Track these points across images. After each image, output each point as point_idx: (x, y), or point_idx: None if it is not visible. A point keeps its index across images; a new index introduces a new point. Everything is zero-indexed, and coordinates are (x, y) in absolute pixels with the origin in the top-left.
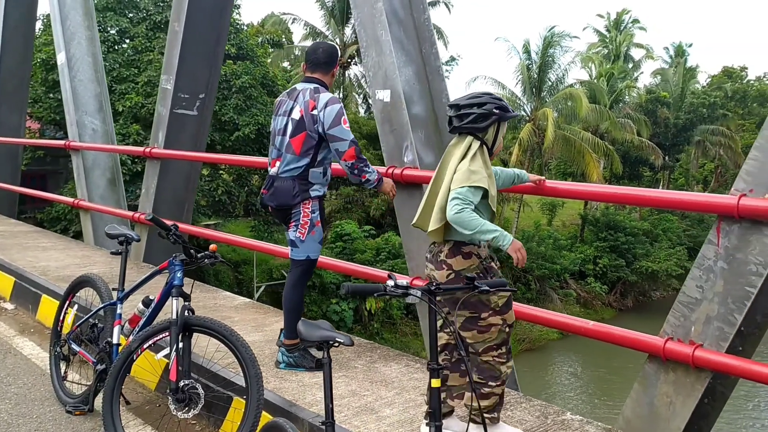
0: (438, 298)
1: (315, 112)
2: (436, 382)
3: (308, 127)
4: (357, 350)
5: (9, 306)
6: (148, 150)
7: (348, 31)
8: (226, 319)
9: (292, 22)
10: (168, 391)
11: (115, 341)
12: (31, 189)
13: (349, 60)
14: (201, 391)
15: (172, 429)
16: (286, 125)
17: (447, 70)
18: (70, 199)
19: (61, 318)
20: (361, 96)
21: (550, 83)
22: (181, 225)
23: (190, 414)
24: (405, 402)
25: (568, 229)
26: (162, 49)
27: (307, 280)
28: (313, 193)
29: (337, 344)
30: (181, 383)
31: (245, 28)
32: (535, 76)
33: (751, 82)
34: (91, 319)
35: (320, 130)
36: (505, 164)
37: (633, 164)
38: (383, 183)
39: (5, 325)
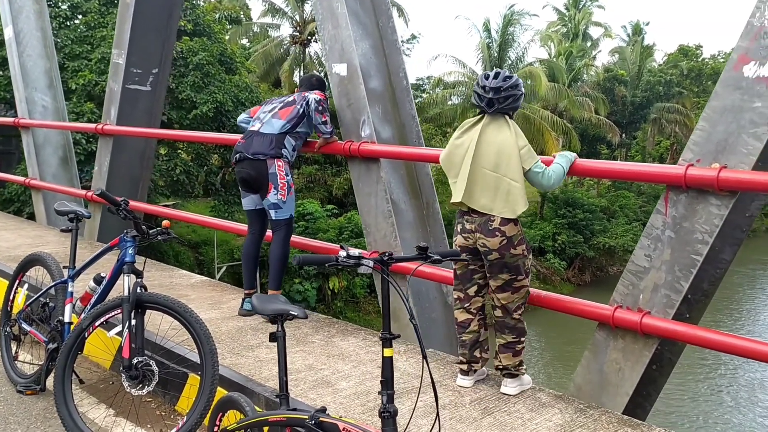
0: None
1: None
2: (388, 352)
3: (298, 102)
4: (315, 325)
5: None
6: (100, 127)
7: (308, 8)
8: (182, 297)
9: None
10: (121, 368)
11: (66, 320)
12: None
13: (309, 37)
14: (155, 368)
15: (126, 407)
16: (276, 105)
17: (408, 48)
18: (20, 178)
19: (11, 298)
20: (322, 73)
21: (510, 62)
22: (136, 203)
23: (144, 391)
24: (361, 374)
25: (528, 206)
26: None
27: (291, 235)
28: (284, 153)
29: (291, 317)
30: (135, 360)
31: (202, 3)
32: (496, 54)
33: (706, 60)
34: (42, 298)
35: (305, 107)
36: None
37: (591, 142)
38: (331, 139)
39: None
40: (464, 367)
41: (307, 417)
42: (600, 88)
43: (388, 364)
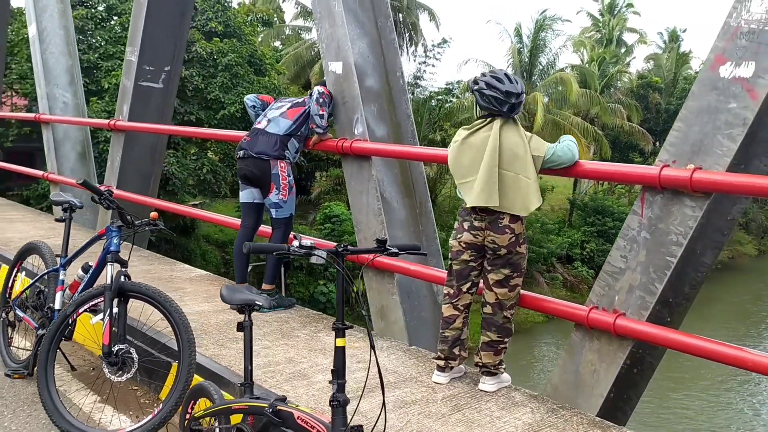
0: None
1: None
2: (340, 342)
3: (307, 104)
4: (304, 321)
5: None
6: (112, 122)
7: None
8: (179, 290)
9: (284, 1)
10: (101, 354)
11: (56, 307)
12: (18, 166)
13: None
14: (135, 355)
15: (112, 394)
16: (285, 105)
17: (438, 53)
18: (39, 172)
19: (10, 284)
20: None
21: (540, 67)
22: (147, 198)
23: (123, 378)
24: None
25: (557, 213)
26: None
27: (289, 233)
28: (286, 154)
29: (257, 308)
30: (115, 348)
31: (236, 6)
32: (526, 59)
33: None
34: (38, 285)
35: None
36: None
37: (623, 150)
38: (326, 135)
39: None
40: (441, 363)
41: (266, 405)
42: (633, 95)
43: (340, 354)
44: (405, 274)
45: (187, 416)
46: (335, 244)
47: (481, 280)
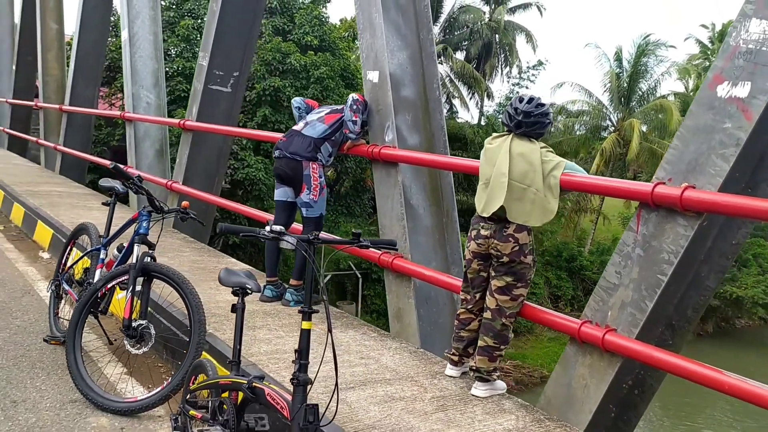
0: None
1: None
2: (306, 324)
3: (343, 110)
4: (322, 316)
5: (45, 255)
6: (182, 122)
7: (436, 29)
8: (215, 280)
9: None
10: (122, 327)
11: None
12: (102, 160)
13: None
14: (152, 331)
15: (138, 368)
16: (325, 110)
17: (533, 75)
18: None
19: (63, 261)
20: (444, 95)
21: (640, 93)
22: (208, 196)
23: (141, 351)
24: (341, 362)
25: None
26: (259, 35)
27: (319, 232)
28: (319, 157)
29: (249, 291)
30: (135, 323)
31: (337, 22)
32: (625, 85)
33: None
34: (88, 260)
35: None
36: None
37: None
38: (358, 141)
39: (35, 270)
40: (455, 358)
41: (245, 382)
42: None
43: (305, 336)
44: (422, 279)
45: (189, 388)
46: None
47: None
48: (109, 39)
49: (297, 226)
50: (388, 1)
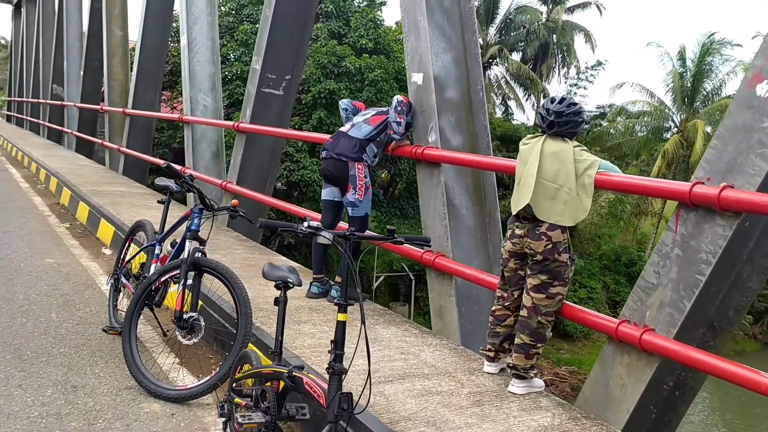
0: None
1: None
2: (342, 317)
3: (386, 112)
4: (368, 313)
5: (107, 251)
6: (236, 124)
7: (492, 30)
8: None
9: None
10: (173, 318)
11: None
12: (159, 160)
13: (490, 60)
14: (202, 322)
15: (190, 358)
16: (371, 112)
17: (592, 75)
18: (177, 167)
19: (122, 256)
20: (500, 97)
21: (704, 93)
22: (261, 196)
23: (191, 342)
24: (382, 356)
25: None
26: (312, 39)
27: (365, 231)
28: (364, 158)
29: (291, 285)
30: (186, 315)
31: (393, 25)
32: (689, 85)
33: None
34: (144, 255)
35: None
36: (647, 176)
37: None
38: (402, 142)
39: (97, 265)
40: (491, 354)
41: (285, 371)
42: None
43: (340, 328)
44: (464, 278)
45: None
46: (435, 255)
47: None
48: (172, 44)
49: (344, 224)
50: (433, 4)
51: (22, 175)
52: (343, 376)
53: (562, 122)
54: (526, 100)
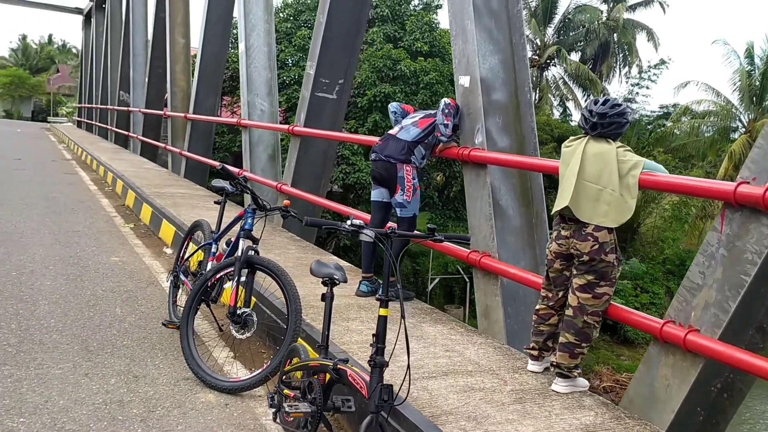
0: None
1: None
2: (383, 312)
3: (434, 114)
4: (415, 311)
5: (168, 250)
6: (291, 128)
7: (550, 31)
8: None
9: None
10: (227, 313)
11: None
12: (215, 162)
13: (548, 61)
14: (254, 318)
15: (243, 352)
16: (419, 115)
17: (654, 74)
18: (236, 169)
19: (181, 255)
20: (558, 98)
21: None
22: (314, 197)
23: (244, 336)
24: (426, 354)
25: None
26: (360, 46)
27: (413, 232)
28: (412, 159)
29: (337, 282)
30: (240, 310)
31: (447, 28)
32: (757, 83)
33: None
34: (202, 253)
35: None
36: (713, 178)
37: None
38: (449, 144)
39: (159, 264)
40: (535, 353)
41: (330, 363)
42: None
43: (382, 322)
44: (510, 278)
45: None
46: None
47: None
48: (232, 50)
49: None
50: (480, 8)
51: (90, 178)
52: (384, 368)
53: (606, 123)
54: (585, 100)
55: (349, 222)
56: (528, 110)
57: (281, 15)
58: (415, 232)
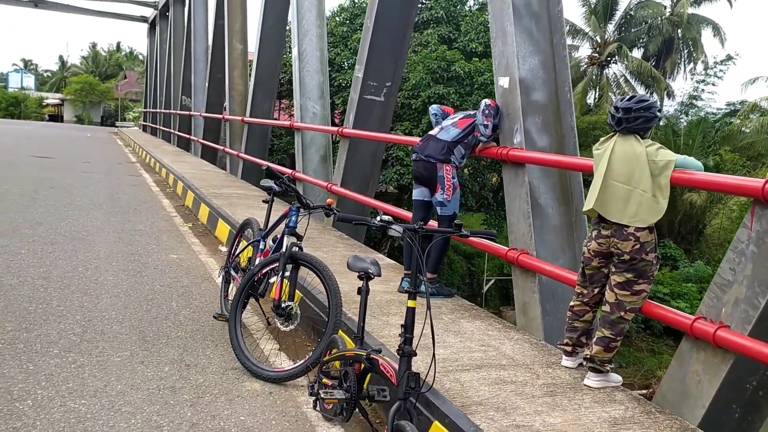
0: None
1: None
2: (411, 303)
3: (476, 115)
4: (454, 308)
5: (223, 249)
6: (340, 130)
7: (610, 27)
8: None
9: None
10: (272, 307)
11: None
12: (268, 163)
13: (608, 59)
14: (298, 311)
15: (289, 344)
16: (459, 116)
17: (721, 70)
18: (289, 170)
19: (232, 251)
20: (619, 96)
21: None
22: (362, 197)
23: (288, 328)
24: (462, 348)
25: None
26: (415, 48)
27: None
28: (452, 159)
29: (372, 276)
30: (284, 304)
31: None
32: None
33: None
34: (251, 250)
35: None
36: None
37: None
38: (489, 144)
39: (214, 261)
40: (568, 349)
41: (364, 353)
42: None
43: (410, 313)
44: (547, 275)
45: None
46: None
47: None
48: (288, 55)
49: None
50: (521, 9)
51: (153, 180)
52: (412, 357)
53: (631, 118)
54: None
55: (378, 218)
56: (568, 110)
57: (337, 19)
58: (445, 228)
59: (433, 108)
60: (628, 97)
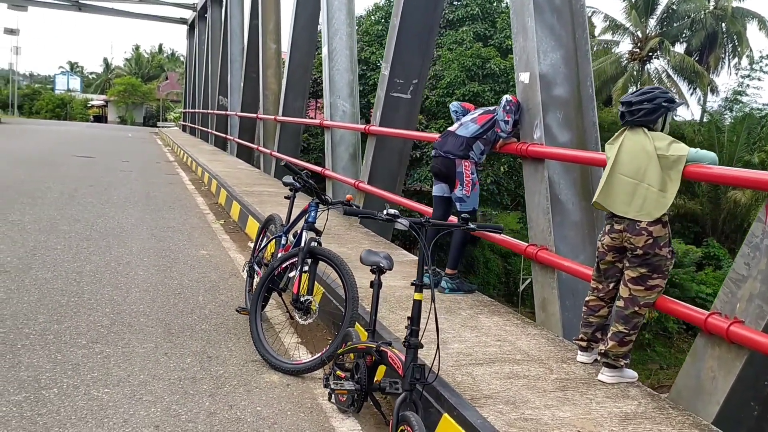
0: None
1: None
2: (418, 296)
3: (495, 111)
4: (473, 303)
5: (252, 245)
6: (367, 127)
7: (651, 22)
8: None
9: (591, 15)
10: (291, 300)
11: None
12: (301, 161)
13: (650, 54)
14: (315, 305)
15: (309, 338)
16: (479, 112)
17: (767, 64)
18: (318, 168)
19: (256, 246)
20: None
21: None
22: (390, 195)
23: (306, 322)
24: (477, 342)
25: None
26: (450, 46)
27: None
28: (471, 155)
29: (384, 269)
30: (302, 297)
31: None
32: None
33: None
34: (274, 246)
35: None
36: None
37: None
38: (509, 140)
39: (243, 257)
40: (584, 344)
41: (374, 345)
42: None
43: (417, 306)
44: (567, 272)
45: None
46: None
47: None
48: (320, 55)
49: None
50: (542, 4)
51: (189, 179)
52: (418, 349)
53: (634, 111)
54: (691, 94)
55: (384, 211)
56: (590, 105)
57: (372, 18)
58: (455, 222)
59: (453, 105)
60: (631, 91)
